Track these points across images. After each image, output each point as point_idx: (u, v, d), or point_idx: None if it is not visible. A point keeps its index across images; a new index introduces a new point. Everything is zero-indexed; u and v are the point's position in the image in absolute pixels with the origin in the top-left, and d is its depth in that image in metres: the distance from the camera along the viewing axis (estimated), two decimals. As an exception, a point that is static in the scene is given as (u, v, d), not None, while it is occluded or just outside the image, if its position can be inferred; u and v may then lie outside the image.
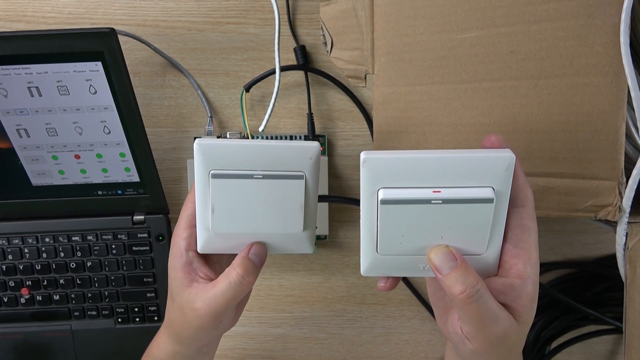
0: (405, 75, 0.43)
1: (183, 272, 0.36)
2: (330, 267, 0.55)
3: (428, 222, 0.31)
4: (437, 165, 0.30)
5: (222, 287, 0.34)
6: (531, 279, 0.32)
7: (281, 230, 0.35)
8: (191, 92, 0.52)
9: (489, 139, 0.33)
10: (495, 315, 0.31)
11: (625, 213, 0.39)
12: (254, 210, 0.34)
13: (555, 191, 0.41)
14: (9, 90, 0.43)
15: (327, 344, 0.57)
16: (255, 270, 0.35)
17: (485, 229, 0.31)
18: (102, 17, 0.50)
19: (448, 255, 0.31)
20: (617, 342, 0.55)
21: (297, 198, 0.34)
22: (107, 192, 0.50)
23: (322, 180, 0.50)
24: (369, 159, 0.31)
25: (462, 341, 0.33)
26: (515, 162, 0.31)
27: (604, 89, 0.38)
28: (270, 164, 0.33)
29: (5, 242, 0.51)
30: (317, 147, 0.34)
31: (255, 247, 0.35)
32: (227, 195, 0.33)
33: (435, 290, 0.37)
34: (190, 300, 0.35)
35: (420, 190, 0.31)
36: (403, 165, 0.31)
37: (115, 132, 0.46)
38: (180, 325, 0.37)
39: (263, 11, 0.50)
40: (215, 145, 0.33)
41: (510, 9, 0.39)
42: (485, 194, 0.30)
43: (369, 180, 0.31)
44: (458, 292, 0.30)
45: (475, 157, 0.30)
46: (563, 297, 0.50)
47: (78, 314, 0.52)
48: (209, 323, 0.35)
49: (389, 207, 0.31)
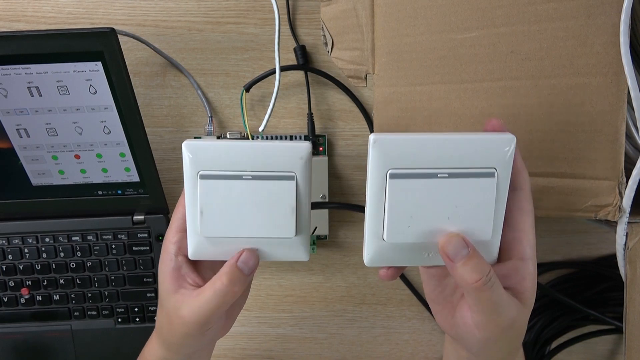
0: (406, 75, 0.43)
1: (171, 278, 0.35)
2: (330, 267, 0.55)
3: (435, 199, 0.31)
4: (442, 145, 0.31)
5: (207, 296, 0.33)
6: (532, 260, 0.32)
7: (272, 234, 0.34)
8: (191, 92, 0.52)
9: (490, 122, 0.33)
10: (506, 301, 0.31)
11: (625, 213, 0.39)
12: (244, 212, 0.33)
13: (555, 191, 0.41)
14: (9, 90, 0.43)
15: (327, 344, 0.57)
16: (242, 279, 0.33)
17: (490, 209, 0.32)
18: (102, 17, 0.50)
19: (460, 244, 0.31)
20: (617, 342, 0.55)
21: (287, 200, 0.33)
22: (107, 192, 0.50)
23: (322, 181, 0.50)
24: (379, 140, 0.31)
25: (470, 332, 0.32)
26: (515, 144, 0.31)
27: (604, 89, 0.38)
28: (260, 165, 0.33)
29: (5, 242, 0.51)
30: (308, 146, 0.33)
31: (245, 255, 0.34)
32: (216, 197, 0.33)
33: (434, 287, 0.37)
34: (177, 307, 0.34)
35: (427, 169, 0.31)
36: (411, 146, 0.31)
37: (115, 132, 0.46)
38: (168, 332, 0.36)
39: (263, 11, 0.50)
40: (203, 146, 0.32)
41: (510, 9, 0.39)
42: (488, 169, 0.31)
43: (378, 161, 0.31)
44: (473, 280, 0.30)
45: (478, 139, 0.31)
46: (563, 298, 0.50)
47: (78, 314, 0.52)
48: (195, 330, 0.34)
49: (398, 182, 0.31)
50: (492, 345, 0.33)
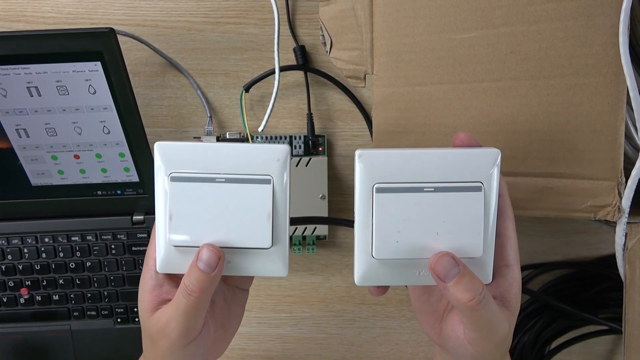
0: (405, 76, 0.43)
1: (151, 296, 0.33)
2: (330, 267, 0.55)
3: (422, 214, 0.31)
4: (428, 160, 0.31)
5: (177, 301, 0.31)
6: (516, 266, 0.32)
7: (247, 243, 0.31)
8: (191, 92, 0.52)
9: (458, 137, 0.33)
10: (499, 317, 0.31)
11: (624, 213, 0.39)
12: (217, 219, 0.31)
13: (554, 191, 0.41)
14: (8, 90, 0.43)
15: (327, 344, 0.57)
16: (205, 279, 0.30)
17: (478, 223, 0.31)
18: (102, 17, 0.50)
19: (451, 263, 0.30)
20: (616, 342, 0.55)
21: (263, 206, 0.31)
22: (107, 192, 0.50)
23: (321, 181, 0.50)
24: (365, 154, 0.31)
25: (462, 347, 0.32)
26: (500, 158, 0.32)
27: (603, 89, 0.38)
28: (235, 167, 0.31)
29: (5, 242, 0.51)
30: (286, 149, 0.31)
31: (204, 252, 0.31)
32: (187, 202, 0.30)
33: (419, 296, 0.36)
34: (157, 324, 0.32)
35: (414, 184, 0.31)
36: (396, 160, 0.31)
37: (114, 132, 0.46)
38: (153, 355, 0.33)
39: (263, 11, 0.50)
40: (175, 146, 0.31)
41: (509, 9, 0.39)
42: (474, 183, 0.31)
43: (364, 176, 0.32)
44: (466, 300, 0.29)
45: (464, 152, 0.32)
46: (555, 302, 0.50)
47: (77, 314, 0.52)
48: (177, 342, 0.32)
49: (384, 196, 0.31)
50: (483, 358, 0.32)
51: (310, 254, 0.54)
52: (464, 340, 0.32)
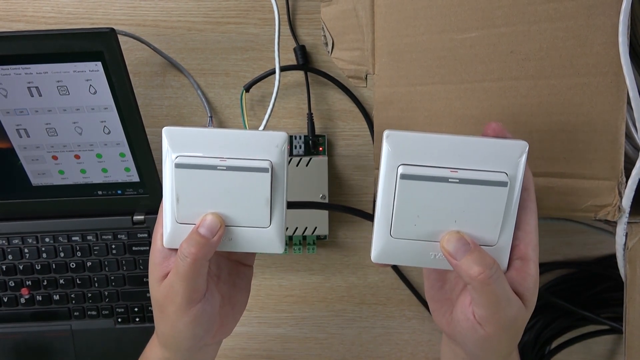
0: (406, 76, 0.43)
1: (160, 267, 0.35)
2: (330, 267, 0.55)
3: (443, 202, 0.32)
4: (455, 146, 0.32)
5: (175, 267, 0.33)
6: (533, 261, 0.32)
7: (247, 223, 0.34)
8: (191, 92, 0.52)
9: (490, 126, 0.33)
10: (510, 297, 0.31)
11: (624, 213, 0.39)
12: (219, 202, 0.33)
13: (555, 191, 0.41)
14: (9, 90, 0.43)
15: (327, 344, 0.57)
16: (203, 242, 0.32)
17: (498, 216, 0.32)
18: (102, 17, 0.50)
19: (461, 241, 0.31)
20: (617, 342, 0.55)
21: (262, 192, 0.33)
22: (107, 192, 0.50)
23: (321, 181, 0.50)
24: (392, 135, 0.32)
25: (472, 328, 0.32)
26: (527, 150, 0.32)
27: (604, 89, 0.38)
28: (236, 151, 0.33)
29: (5, 242, 0.51)
30: (284, 135, 0.33)
31: (208, 218, 0.33)
32: (191, 186, 0.33)
33: (433, 282, 0.37)
34: (161, 290, 0.34)
35: (439, 169, 0.32)
36: (424, 143, 0.32)
37: (115, 132, 0.46)
38: (162, 324, 0.35)
39: (263, 11, 0.50)
40: (181, 131, 0.33)
41: (510, 9, 0.39)
42: (500, 177, 0.31)
43: (391, 156, 0.32)
44: (476, 273, 0.30)
45: (492, 142, 0.32)
46: (557, 300, 0.50)
47: (78, 314, 0.52)
48: (181, 307, 0.33)
49: (408, 182, 0.32)
50: (491, 344, 0.33)
51: (310, 253, 0.54)
52: (473, 320, 0.32)
